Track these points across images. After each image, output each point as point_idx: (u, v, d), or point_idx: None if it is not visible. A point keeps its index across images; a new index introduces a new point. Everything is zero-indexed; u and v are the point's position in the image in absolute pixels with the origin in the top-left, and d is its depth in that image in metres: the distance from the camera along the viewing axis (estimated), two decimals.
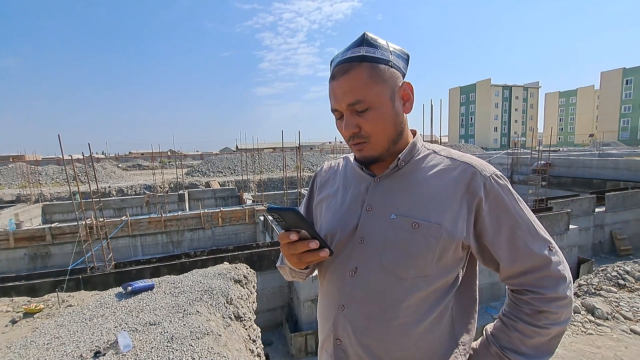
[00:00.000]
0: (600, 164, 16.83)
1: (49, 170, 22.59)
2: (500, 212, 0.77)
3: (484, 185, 0.77)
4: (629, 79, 52.85)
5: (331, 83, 0.80)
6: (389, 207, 0.81)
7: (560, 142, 71.85)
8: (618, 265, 4.33)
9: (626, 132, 52.96)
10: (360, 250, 0.82)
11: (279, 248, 0.84)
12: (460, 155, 0.83)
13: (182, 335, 2.60)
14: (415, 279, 0.77)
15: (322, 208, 0.95)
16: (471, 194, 0.77)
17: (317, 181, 1.03)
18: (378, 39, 0.79)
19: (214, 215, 12.08)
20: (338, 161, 1.02)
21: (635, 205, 12.03)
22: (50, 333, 2.76)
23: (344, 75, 0.76)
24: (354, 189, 0.89)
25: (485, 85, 62.98)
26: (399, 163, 0.83)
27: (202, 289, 3.39)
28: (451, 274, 0.80)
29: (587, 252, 10.79)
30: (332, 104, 0.81)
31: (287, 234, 0.74)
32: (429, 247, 0.75)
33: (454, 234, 0.76)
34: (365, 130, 0.78)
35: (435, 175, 0.81)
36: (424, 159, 0.84)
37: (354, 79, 0.75)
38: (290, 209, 0.70)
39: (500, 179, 0.79)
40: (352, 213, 0.85)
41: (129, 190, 18.54)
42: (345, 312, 0.82)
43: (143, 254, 11.17)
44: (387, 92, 0.77)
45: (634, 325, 3.14)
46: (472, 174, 0.78)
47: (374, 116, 0.77)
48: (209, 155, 34.56)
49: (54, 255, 10.57)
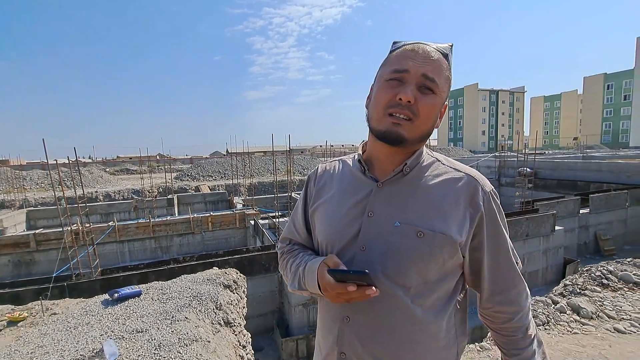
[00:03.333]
0: (584, 167, 17.24)
1: (33, 175, 22.04)
2: (494, 230, 0.80)
3: (484, 200, 0.79)
4: (610, 84, 54.48)
5: (412, 46, 0.76)
6: (392, 214, 0.79)
7: (545, 145, 73.41)
8: (602, 266, 4.43)
9: (608, 136, 54.46)
10: (363, 258, 0.79)
11: (270, 253, 0.82)
12: (463, 167, 0.84)
13: (170, 342, 2.56)
14: (419, 287, 0.77)
15: (320, 214, 0.91)
16: (474, 207, 0.78)
17: (312, 185, 0.98)
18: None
19: (204, 220, 11.95)
20: (334, 164, 0.98)
21: (617, 206, 12.34)
22: (34, 342, 2.69)
23: (427, 53, 0.75)
24: (354, 193, 0.85)
25: (472, 90, 64.12)
26: (404, 169, 0.81)
27: (191, 295, 3.34)
28: (453, 281, 0.81)
29: (573, 252, 11.00)
30: (403, 65, 0.75)
31: (343, 286, 0.70)
32: (433, 256, 0.75)
33: (458, 245, 0.76)
34: (418, 108, 0.74)
35: (440, 184, 0.80)
36: (428, 167, 0.83)
37: (438, 62, 0.75)
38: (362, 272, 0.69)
39: (496, 196, 0.83)
40: (353, 219, 0.82)
41: (116, 195, 18.21)
42: (351, 324, 0.80)
43: (131, 260, 10.96)
44: (444, 95, 0.78)
45: (618, 324, 3.22)
46: (474, 187, 0.79)
47: (433, 102, 0.76)
48: (199, 159, 34.27)
49: (39, 262, 10.30)
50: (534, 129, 72.85)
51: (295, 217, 1.01)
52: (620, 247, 12.01)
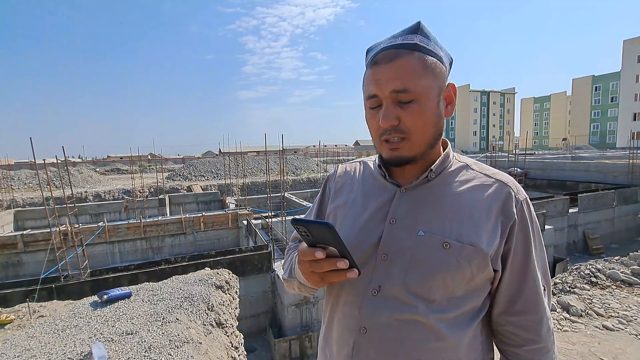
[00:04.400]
0: (572, 167, 17.55)
1: (21, 175, 21.60)
2: (523, 242, 0.74)
3: (517, 208, 0.72)
4: (598, 85, 55.48)
5: (372, 68, 0.71)
6: (416, 222, 0.73)
7: (535, 145, 74.52)
8: (590, 264, 4.51)
9: (596, 137, 55.48)
10: (383, 267, 0.74)
11: (262, 253, 0.78)
12: (494, 172, 0.78)
13: (161, 344, 2.53)
14: (443, 301, 0.71)
15: (338, 217, 0.85)
16: (506, 216, 0.72)
17: (330, 186, 0.93)
18: (431, 32, 0.71)
19: (196, 220, 11.84)
20: (354, 165, 0.93)
21: (605, 205, 12.58)
22: (21, 345, 2.63)
23: (392, 62, 0.68)
24: (375, 198, 0.80)
25: (464, 91, 64.80)
26: (429, 174, 0.75)
27: (182, 296, 3.31)
28: (481, 298, 0.75)
29: (562, 251, 11.18)
30: (371, 90, 0.71)
31: (311, 250, 0.64)
32: (460, 269, 0.69)
33: (488, 257, 0.70)
34: (405, 125, 0.69)
35: (469, 191, 0.74)
36: (457, 173, 0.77)
37: (404, 66, 0.67)
38: (324, 223, 0.61)
39: (530, 205, 0.76)
40: (374, 225, 0.77)
41: (106, 195, 17.95)
42: (368, 336, 0.74)
43: (121, 261, 10.80)
44: (436, 88, 0.70)
45: (606, 321, 3.27)
46: (507, 194, 0.73)
47: (418, 110, 0.69)
48: (191, 159, 33.98)
49: (26, 263, 10.09)
50: (524, 130, 74.01)
51: (309, 217, 0.96)
52: (607, 246, 12.25)
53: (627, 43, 43.52)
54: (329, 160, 30.28)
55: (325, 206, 0.92)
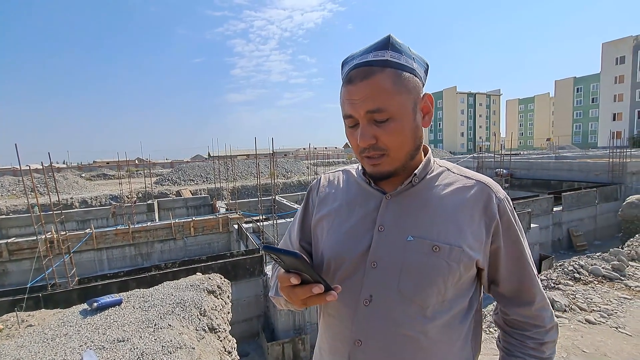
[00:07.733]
0: (556, 166, 18.01)
1: (4, 181, 21.02)
2: (511, 237, 0.76)
3: (499, 207, 0.74)
4: (579, 87, 56.94)
5: (347, 87, 0.71)
6: (404, 227, 0.74)
7: (520, 145, 75.98)
8: (574, 260, 4.64)
9: (578, 137, 56.90)
10: (374, 275, 0.73)
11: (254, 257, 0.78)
12: (473, 174, 0.80)
13: (153, 350, 2.53)
14: (437, 306, 0.72)
15: (324, 227, 0.84)
16: (489, 216, 0.74)
17: (313, 197, 0.92)
18: (402, 44, 0.71)
19: (186, 225, 11.73)
20: (337, 174, 0.93)
21: (587, 204, 12.96)
22: (11, 355, 2.59)
23: (364, 80, 0.68)
24: (361, 206, 0.80)
25: (451, 93, 65.86)
26: (413, 180, 0.76)
27: (174, 302, 3.30)
28: (468, 296, 0.77)
29: (548, 249, 11.46)
30: (347, 110, 0.71)
31: (287, 276, 0.64)
32: (451, 271, 0.70)
33: (475, 256, 0.72)
34: (383, 143, 0.70)
35: (452, 194, 0.75)
36: (438, 177, 0.79)
37: (376, 85, 0.67)
38: (292, 253, 0.61)
39: (510, 202, 0.78)
40: (361, 234, 0.77)
41: (93, 201, 17.62)
42: (363, 348, 0.73)
43: (110, 268, 10.62)
44: (410, 103, 0.70)
45: (589, 315, 3.39)
46: (488, 195, 0.75)
47: (395, 128, 0.69)
48: (180, 163, 33.61)
49: (11, 272, 9.84)
50: (510, 131, 75.34)
51: (292, 229, 0.96)
52: (591, 243, 12.60)
53: (606, 46, 44.87)
54: (319, 163, 30.32)
55: (309, 217, 0.91)
